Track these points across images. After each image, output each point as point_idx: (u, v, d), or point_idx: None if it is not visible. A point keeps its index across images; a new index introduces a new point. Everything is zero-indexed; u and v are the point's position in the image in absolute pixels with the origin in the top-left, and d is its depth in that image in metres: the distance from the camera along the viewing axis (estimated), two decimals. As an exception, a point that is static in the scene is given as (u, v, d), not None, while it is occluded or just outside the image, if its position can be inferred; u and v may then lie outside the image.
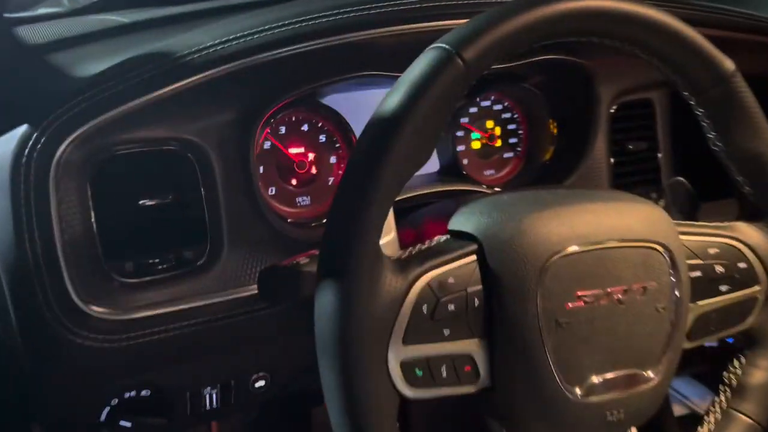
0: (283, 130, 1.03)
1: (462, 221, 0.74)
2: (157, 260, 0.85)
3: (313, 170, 1.07)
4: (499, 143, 1.23)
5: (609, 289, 0.70)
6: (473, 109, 1.19)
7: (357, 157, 0.63)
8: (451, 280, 0.67)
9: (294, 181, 1.05)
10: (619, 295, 0.70)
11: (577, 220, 0.72)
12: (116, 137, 0.77)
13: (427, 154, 0.63)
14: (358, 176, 0.61)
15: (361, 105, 1.08)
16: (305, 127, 1.05)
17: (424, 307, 0.65)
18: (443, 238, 0.73)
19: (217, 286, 0.84)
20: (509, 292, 0.67)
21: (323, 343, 0.61)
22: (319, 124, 1.06)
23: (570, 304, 0.69)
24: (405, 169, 0.62)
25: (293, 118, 1.03)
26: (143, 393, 0.87)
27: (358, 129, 1.08)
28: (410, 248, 0.70)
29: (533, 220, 0.70)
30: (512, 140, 1.24)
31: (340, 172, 1.09)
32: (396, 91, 0.62)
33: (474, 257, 0.69)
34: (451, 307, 0.66)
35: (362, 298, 0.60)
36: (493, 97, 1.21)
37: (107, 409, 0.85)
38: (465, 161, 1.20)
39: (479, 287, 0.69)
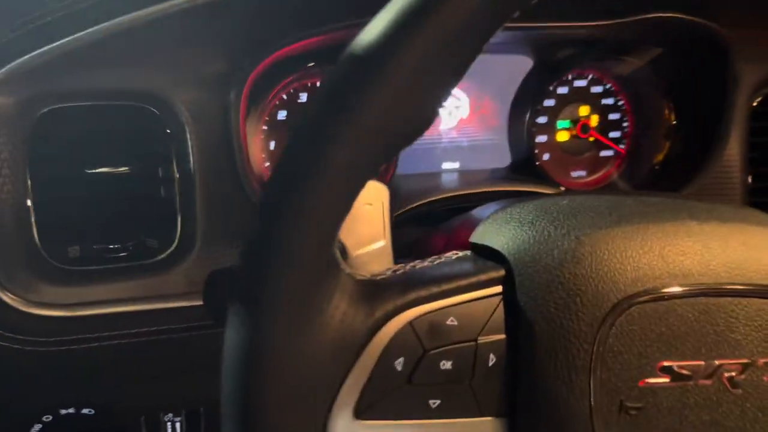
0: (304, 97, 0.82)
1: (491, 231, 0.49)
2: (110, 246, 0.67)
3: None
4: (594, 137, 0.94)
5: (718, 362, 0.43)
6: (562, 90, 0.92)
7: (310, 103, 0.40)
8: (451, 321, 0.43)
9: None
10: (734, 373, 0.43)
11: (680, 248, 0.45)
12: (59, 85, 0.59)
13: (432, 101, 0.38)
14: (303, 134, 0.38)
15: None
16: (304, 97, 0.84)
17: (399, 362, 0.41)
18: (457, 254, 0.48)
19: (184, 287, 0.64)
20: (550, 351, 0.42)
21: (225, 402, 0.39)
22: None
23: (647, 380, 0.42)
24: (386, 127, 0.38)
25: (318, 83, 0.82)
26: (84, 411, 0.69)
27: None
28: (403, 265, 0.46)
29: (604, 240, 0.44)
30: (613, 134, 0.95)
31: (376, 157, 0.87)
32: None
33: (498, 289, 0.44)
34: (447, 364, 0.42)
35: (289, 337, 0.38)
36: (590, 76, 0.93)
37: (38, 426, 0.68)
38: (545, 157, 0.93)
39: (500, 337, 0.44)
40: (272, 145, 0.81)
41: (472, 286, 0.43)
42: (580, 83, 0.92)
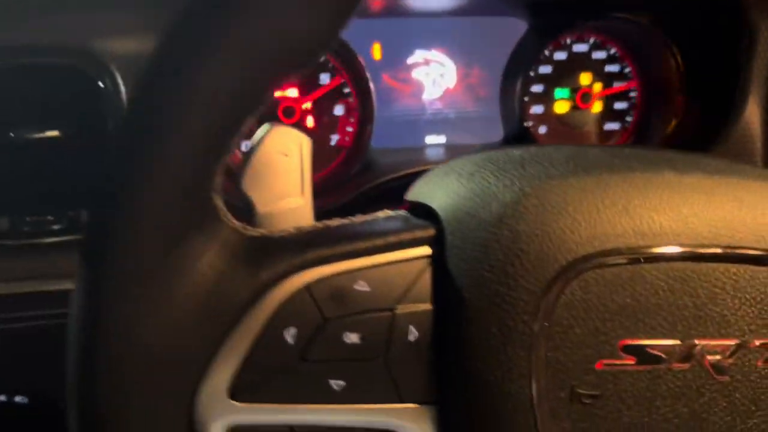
0: None
1: (427, 187, 0.41)
2: (43, 218, 0.61)
3: (309, 122, 0.78)
4: (598, 107, 0.85)
5: (698, 342, 0.34)
6: (560, 55, 0.83)
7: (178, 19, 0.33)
8: (361, 286, 0.35)
9: (279, 135, 0.77)
10: (719, 356, 0.34)
11: (652, 201, 0.37)
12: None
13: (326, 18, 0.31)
14: (162, 53, 0.31)
15: (390, 40, 0.78)
16: (301, 62, 0.77)
17: (290, 333, 0.34)
18: (388, 213, 0.40)
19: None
20: (482, 324, 0.34)
21: (68, 383, 0.32)
22: (321, 59, 0.77)
23: (606, 362, 0.34)
24: (264, 42, 0.31)
25: None
26: (17, 399, 0.63)
27: (376, 74, 0.78)
28: (317, 224, 0.39)
29: (555, 191, 0.36)
30: (619, 105, 0.86)
31: (350, 128, 0.79)
32: None
33: (426, 251, 0.37)
34: (352, 337, 0.34)
35: (142, 300, 0.31)
36: (592, 39, 0.83)
37: (-32, 414, 0.63)
38: (542, 130, 0.84)
39: (425, 308, 0.36)
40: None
41: (392, 246, 0.36)
42: (581, 48, 0.83)
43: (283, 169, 0.41)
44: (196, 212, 0.32)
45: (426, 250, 0.36)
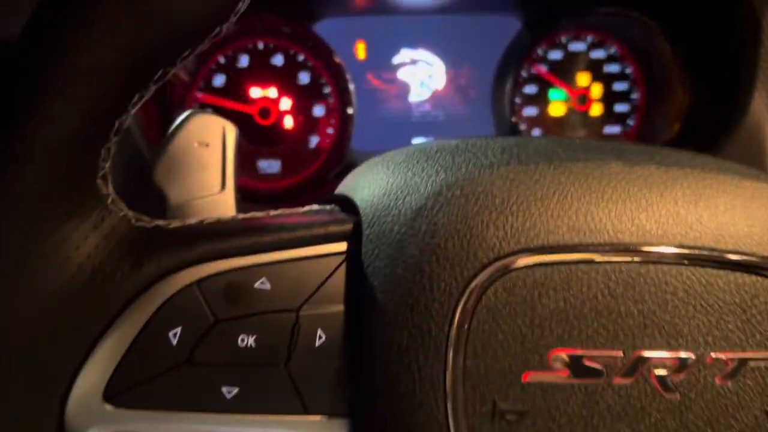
0: (245, 61, 0.73)
1: (355, 180, 0.38)
2: None
3: (287, 123, 0.75)
4: (597, 110, 0.80)
5: (644, 354, 0.30)
6: (555, 54, 0.79)
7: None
8: (262, 284, 0.32)
9: (254, 137, 0.74)
10: (666, 371, 0.30)
11: (592, 195, 0.33)
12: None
13: None
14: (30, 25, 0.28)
15: (374, 38, 0.74)
16: (278, 60, 0.74)
17: (175, 333, 0.30)
18: (312, 207, 0.37)
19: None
20: (394, 328, 0.30)
21: None
22: (300, 58, 0.74)
23: (534, 374, 0.30)
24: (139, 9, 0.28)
25: (260, 45, 0.73)
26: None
27: (360, 74, 0.75)
28: (223, 217, 0.36)
29: (481, 181, 0.33)
30: (620, 107, 0.81)
31: (330, 130, 0.76)
32: None
33: (340, 247, 0.33)
34: (248, 340, 0.31)
35: (7, 286, 0.28)
36: (590, 38, 0.79)
37: None
38: (535, 133, 0.80)
39: (335, 310, 0.32)
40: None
41: (301, 241, 0.32)
42: (578, 47, 0.79)
43: (201, 160, 0.38)
44: (75, 199, 0.29)
45: (341, 246, 0.33)
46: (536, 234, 0.30)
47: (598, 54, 0.79)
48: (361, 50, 0.75)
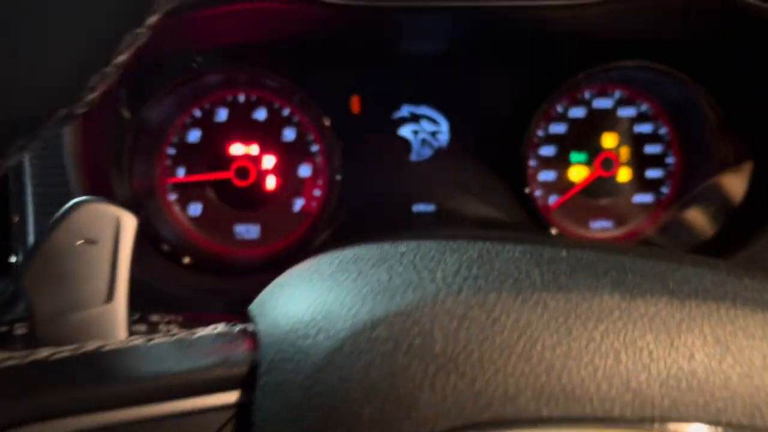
0: (223, 115, 0.66)
1: (270, 297, 0.30)
2: None
3: (269, 184, 0.67)
4: (626, 176, 0.70)
5: None
6: (577, 112, 0.69)
7: None
8: None
9: (231, 199, 0.66)
10: None
11: (567, 347, 0.22)
12: None
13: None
14: None
15: (372, 92, 0.67)
16: (261, 114, 0.66)
17: None
18: (216, 328, 0.29)
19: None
20: None
21: None
22: (285, 113, 0.67)
23: None
24: None
25: (241, 98, 0.66)
26: None
27: (355, 131, 0.67)
28: (82, 346, 0.28)
29: (416, 315, 0.23)
30: (652, 173, 0.70)
31: (317, 193, 0.68)
32: None
33: (230, 398, 0.24)
34: None
35: None
36: (617, 93, 0.69)
37: None
38: (552, 200, 0.70)
39: None
40: (181, 172, 0.66)
41: (182, 391, 0.24)
42: (603, 103, 0.69)
43: (85, 263, 0.30)
44: None
45: (230, 397, 0.24)
46: (488, 402, 0.21)
47: (626, 112, 0.69)
48: (356, 104, 0.68)
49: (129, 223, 0.31)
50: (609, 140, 0.70)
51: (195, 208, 0.66)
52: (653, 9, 0.50)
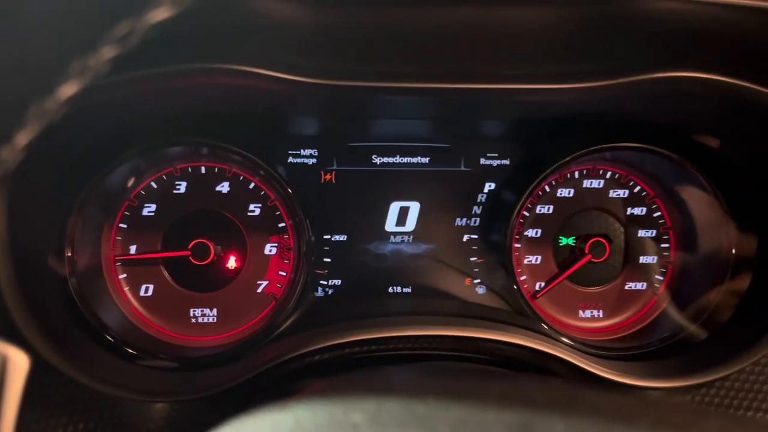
0: (182, 188, 0.60)
1: None
2: None
3: (231, 262, 0.61)
4: (617, 261, 0.65)
5: None
6: (564, 192, 0.65)
7: None
8: None
9: (186, 281, 0.61)
10: None
11: None
12: None
13: None
14: None
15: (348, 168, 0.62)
16: (224, 187, 0.61)
17: None
18: None
19: None
20: None
21: None
22: (251, 186, 0.61)
23: None
24: None
25: (203, 170, 0.60)
26: None
27: (327, 203, 0.62)
28: None
29: None
30: (645, 259, 0.66)
31: (283, 273, 0.62)
32: None
33: None
34: None
35: None
36: (608, 173, 0.65)
37: None
38: (538, 286, 0.64)
39: None
40: (133, 249, 0.60)
41: None
42: (592, 183, 0.65)
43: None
44: None
45: None
46: None
47: (618, 193, 0.65)
48: (328, 177, 0.63)
49: (19, 363, 0.25)
50: (599, 223, 0.65)
51: (146, 289, 0.60)
52: (632, 93, 0.46)
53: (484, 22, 0.42)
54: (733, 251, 0.60)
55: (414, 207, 0.64)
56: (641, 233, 0.65)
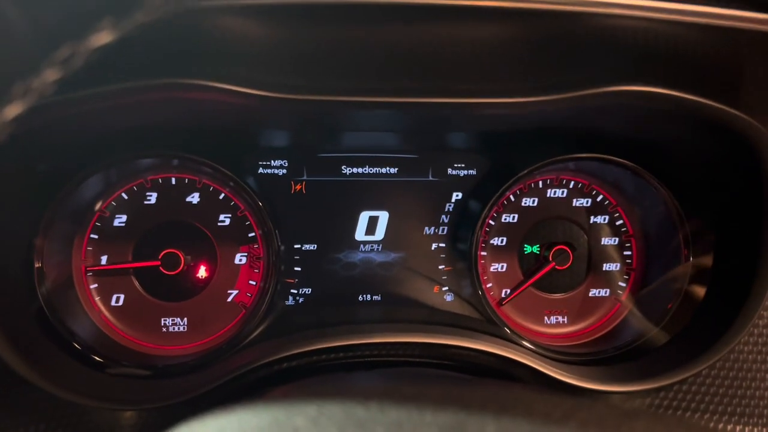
0: (152, 198, 0.61)
1: None
2: None
3: (200, 272, 0.62)
4: (580, 269, 0.67)
5: None
6: (528, 201, 0.66)
7: None
8: None
9: (157, 290, 0.62)
10: None
11: None
12: None
13: None
14: None
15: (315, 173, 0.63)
16: (194, 198, 0.62)
17: None
18: None
19: None
20: None
21: None
22: (221, 196, 0.62)
23: None
24: None
25: (173, 181, 0.61)
26: None
27: (298, 212, 0.63)
28: None
29: None
30: (609, 266, 0.67)
31: (253, 282, 0.63)
32: None
33: None
34: None
35: None
36: (573, 183, 0.66)
37: None
38: (504, 293, 0.66)
39: None
40: (104, 259, 0.61)
41: None
42: (556, 193, 0.66)
43: None
44: None
45: None
46: None
47: (581, 202, 0.66)
48: (298, 186, 0.64)
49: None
50: (563, 231, 0.66)
51: (117, 299, 0.61)
52: (586, 107, 0.48)
53: (441, 38, 0.43)
54: (691, 258, 0.62)
55: (383, 216, 0.65)
56: (604, 241, 0.67)
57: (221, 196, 0.62)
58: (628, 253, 0.67)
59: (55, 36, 0.19)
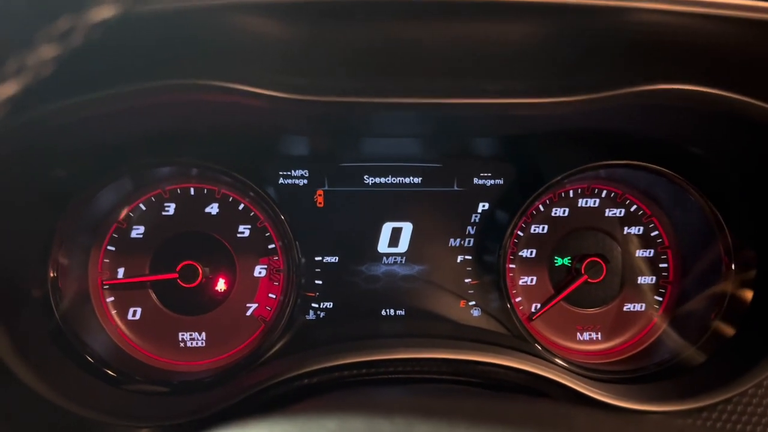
0: (171, 209, 0.60)
1: None
2: None
3: (219, 285, 0.60)
4: (615, 282, 0.63)
5: None
6: (558, 211, 0.64)
7: None
8: None
9: (174, 304, 0.60)
10: None
11: None
12: None
13: None
14: None
15: (335, 185, 0.61)
16: (213, 209, 0.60)
17: None
18: None
19: None
20: None
21: None
22: (240, 207, 0.61)
23: None
24: None
25: (191, 191, 0.60)
26: None
27: (319, 224, 0.61)
28: None
29: None
30: (643, 279, 0.64)
31: (272, 295, 0.61)
32: None
33: None
34: None
35: None
36: (604, 192, 0.64)
37: None
38: (534, 308, 0.63)
39: None
40: (121, 272, 0.59)
41: None
42: (587, 202, 0.64)
43: None
44: None
45: None
46: None
47: (613, 212, 0.64)
48: (320, 198, 0.62)
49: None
50: (595, 243, 0.63)
51: (134, 313, 0.59)
52: (618, 107, 0.45)
53: (468, 37, 0.41)
54: (733, 268, 0.59)
55: (407, 228, 0.63)
56: (639, 253, 0.64)
57: (241, 207, 0.60)
58: (664, 265, 0.64)
59: (53, 10, 0.18)
